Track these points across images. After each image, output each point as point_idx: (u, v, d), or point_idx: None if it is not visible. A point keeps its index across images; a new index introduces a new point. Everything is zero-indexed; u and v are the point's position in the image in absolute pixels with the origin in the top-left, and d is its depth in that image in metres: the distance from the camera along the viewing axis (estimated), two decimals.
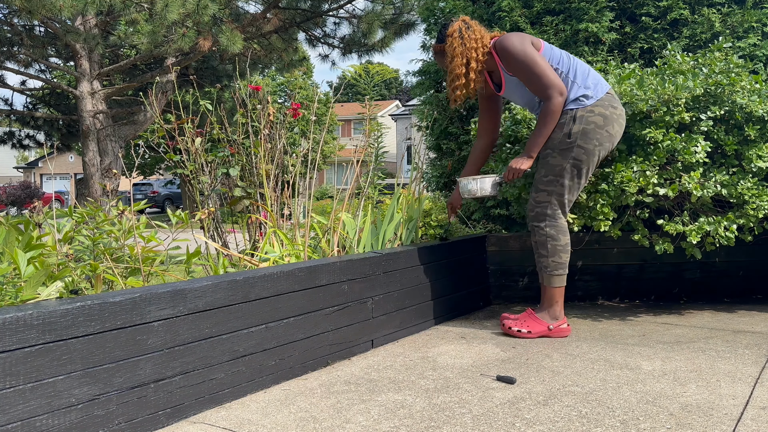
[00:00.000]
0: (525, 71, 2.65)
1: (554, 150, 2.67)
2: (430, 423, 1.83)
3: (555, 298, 2.79)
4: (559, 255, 2.74)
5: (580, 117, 2.63)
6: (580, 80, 2.68)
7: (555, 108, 2.61)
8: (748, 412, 1.86)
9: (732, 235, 2.80)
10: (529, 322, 2.79)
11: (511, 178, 2.75)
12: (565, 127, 2.65)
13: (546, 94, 2.62)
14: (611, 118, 2.65)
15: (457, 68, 2.74)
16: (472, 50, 2.73)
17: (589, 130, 2.62)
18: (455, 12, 4.20)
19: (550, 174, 2.68)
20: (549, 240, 2.73)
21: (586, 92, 2.66)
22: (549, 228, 2.73)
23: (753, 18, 3.54)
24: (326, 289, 2.41)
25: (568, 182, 2.67)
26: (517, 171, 2.72)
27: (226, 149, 3.14)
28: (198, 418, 1.91)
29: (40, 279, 1.90)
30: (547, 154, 2.69)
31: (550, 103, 2.62)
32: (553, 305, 2.79)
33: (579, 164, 2.65)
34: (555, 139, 2.66)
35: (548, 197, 2.70)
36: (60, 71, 12.66)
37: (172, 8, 6.66)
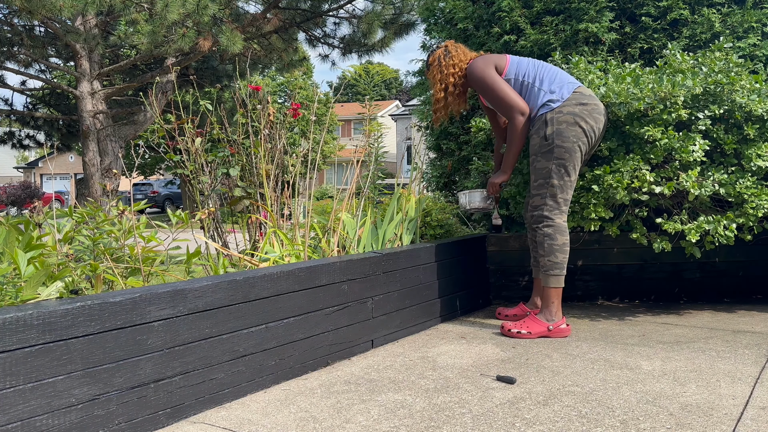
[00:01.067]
0: (488, 95, 2.88)
1: (537, 155, 2.79)
2: (430, 423, 1.83)
3: (551, 299, 2.81)
4: (555, 254, 2.78)
5: (551, 119, 2.77)
6: (546, 86, 2.83)
7: (517, 127, 2.82)
8: (748, 412, 1.86)
9: (731, 234, 2.80)
10: (528, 323, 2.81)
11: (493, 192, 3.03)
12: (540, 131, 2.79)
13: (508, 114, 2.84)
14: (582, 114, 2.76)
15: (437, 93, 3.00)
16: (449, 76, 2.97)
17: (562, 129, 2.74)
18: (455, 12, 4.20)
19: (540, 178, 2.80)
20: (546, 239, 2.79)
21: (552, 96, 2.80)
22: (546, 228, 2.80)
23: (753, 18, 3.54)
24: (326, 289, 2.41)
25: (557, 182, 2.76)
26: (494, 185, 3.00)
27: (226, 149, 3.14)
28: (198, 418, 1.91)
29: (40, 279, 1.91)
30: (533, 160, 2.82)
31: (513, 124, 2.83)
32: (550, 306, 2.81)
33: (563, 162, 2.75)
34: (535, 144, 2.80)
35: (542, 200, 2.80)
36: (60, 71, 12.66)
37: (172, 8, 6.66)
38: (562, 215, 2.80)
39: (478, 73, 2.89)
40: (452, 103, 3.00)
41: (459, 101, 3.02)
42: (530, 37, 3.80)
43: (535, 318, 2.81)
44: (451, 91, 2.97)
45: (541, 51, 3.84)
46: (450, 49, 3.02)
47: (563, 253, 2.79)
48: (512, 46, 3.92)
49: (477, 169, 3.63)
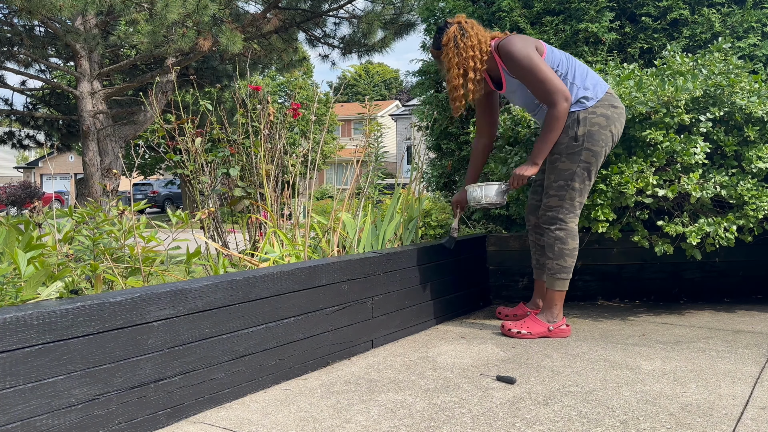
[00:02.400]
0: (529, 77, 2.61)
1: (562, 155, 2.65)
2: (430, 423, 1.83)
3: (555, 301, 2.78)
4: (565, 258, 2.72)
5: (583, 119, 2.62)
6: (579, 81, 2.66)
7: (561, 114, 2.57)
8: (748, 412, 1.86)
9: (732, 236, 2.80)
10: (528, 323, 2.79)
11: (517, 185, 2.71)
12: (570, 130, 2.63)
13: (551, 99, 2.58)
14: (612, 117, 2.65)
15: (454, 79, 2.68)
16: (469, 59, 2.66)
17: (594, 131, 2.61)
18: (455, 12, 4.20)
19: (560, 179, 2.67)
20: (557, 242, 2.71)
21: (586, 93, 2.64)
22: (558, 231, 2.71)
23: (753, 18, 3.54)
24: (326, 289, 2.41)
25: (579, 185, 2.66)
26: (522, 178, 2.68)
27: (226, 149, 3.14)
28: (198, 418, 1.91)
29: (40, 279, 1.91)
30: (555, 159, 2.67)
31: (556, 110, 2.58)
32: (552, 307, 2.78)
33: (588, 166, 2.64)
34: (561, 143, 2.64)
35: (559, 202, 2.69)
36: (60, 71, 12.67)
37: (172, 8, 6.66)
38: (575, 219, 2.72)
39: (519, 51, 2.59)
40: (473, 91, 2.69)
41: (480, 87, 2.72)
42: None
43: (535, 318, 2.79)
44: (472, 77, 2.67)
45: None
46: (465, 27, 2.70)
47: (572, 257, 2.73)
48: None
49: None
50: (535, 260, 3.02)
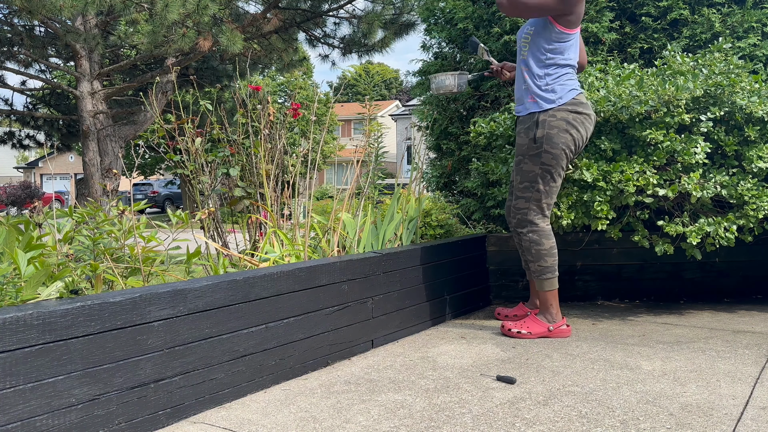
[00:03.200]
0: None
1: (524, 156, 2.69)
2: (430, 423, 1.83)
3: (549, 301, 2.79)
4: (544, 259, 2.73)
5: (542, 121, 2.65)
6: (552, 81, 2.68)
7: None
8: (748, 412, 1.86)
9: (732, 236, 2.80)
10: (528, 323, 2.79)
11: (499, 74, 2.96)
12: (530, 132, 2.67)
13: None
14: (573, 122, 2.66)
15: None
16: None
17: (552, 134, 2.63)
18: (455, 12, 4.20)
19: (525, 181, 2.70)
20: (533, 245, 2.73)
21: (550, 96, 2.66)
22: (531, 233, 2.73)
23: (753, 18, 3.54)
24: (326, 289, 2.41)
25: (543, 187, 2.68)
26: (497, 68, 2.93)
27: (226, 149, 3.14)
28: (198, 418, 1.91)
29: (40, 279, 1.91)
30: (519, 161, 2.71)
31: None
32: (549, 308, 2.79)
33: (549, 169, 2.67)
34: (523, 145, 2.69)
35: (527, 203, 2.72)
36: (60, 71, 12.67)
37: (172, 8, 6.66)
38: (545, 219, 2.75)
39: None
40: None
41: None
42: None
43: (535, 318, 2.80)
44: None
45: None
46: None
47: (552, 256, 2.75)
48: (512, 46, 3.91)
49: (477, 169, 3.63)
50: (523, 261, 2.99)
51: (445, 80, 2.99)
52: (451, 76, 2.99)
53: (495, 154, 3.37)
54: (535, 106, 2.67)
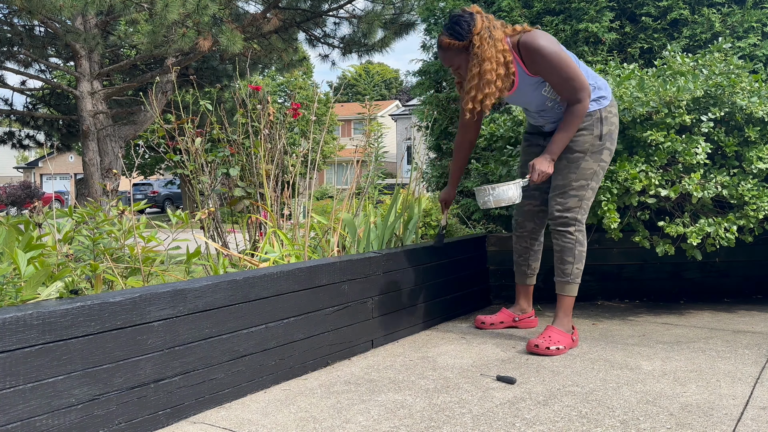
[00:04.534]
0: (559, 73, 2.45)
1: (586, 153, 2.57)
2: (430, 423, 1.83)
3: (571, 308, 2.66)
4: (582, 262, 2.64)
5: (605, 118, 2.58)
6: (592, 80, 2.59)
7: (584, 111, 2.49)
8: (748, 412, 1.86)
9: (732, 236, 2.80)
10: (558, 337, 2.56)
11: (539, 180, 2.55)
12: (594, 129, 2.57)
13: (579, 96, 2.48)
14: (618, 118, 2.68)
15: (488, 74, 2.43)
16: (502, 53, 2.45)
17: (612, 131, 2.60)
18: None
19: (582, 178, 2.58)
20: (577, 245, 2.61)
21: (602, 93, 2.60)
22: (578, 233, 2.61)
23: (753, 18, 3.54)
24: (326, 289, 2.41)
25: (595, 185, 2.61)
26: (545, 174, 2.53)
27: (226, 149, 3.14)
28: (198, 418, 1.91)
29: (40, 279, 1.90)
30: (577, 158, 2.58)
31: (582, 106, 2.49)
32: (569, 315, 2.65)
33: (605, 166, 2.62)
34: (586, 142, 2.57)
35: (579, 202, 2.59)
36: (60, 71, 12.67)
37: (172, 8, 6.66)
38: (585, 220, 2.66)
39: (550, 47, 2.43)
40: (502, 89, 2.48)
41: (508, 82, 2.51)
42: None
43: (560, 331, 2.59)
44: (501, 74, 2.45)
45: None
46: (489, 18, 2.51)
47: (584, 258, 2.66)
48: None
49: (477, 169, 3.63)
50: (526, 266, 2.89)
51: (507, 191, 2.54)
52: (514, 187, 2.55)
53: (495, 155, 3.37)
54: (595, 104, 2.57)
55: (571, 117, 2.50)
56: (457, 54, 2.50)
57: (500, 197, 2.56)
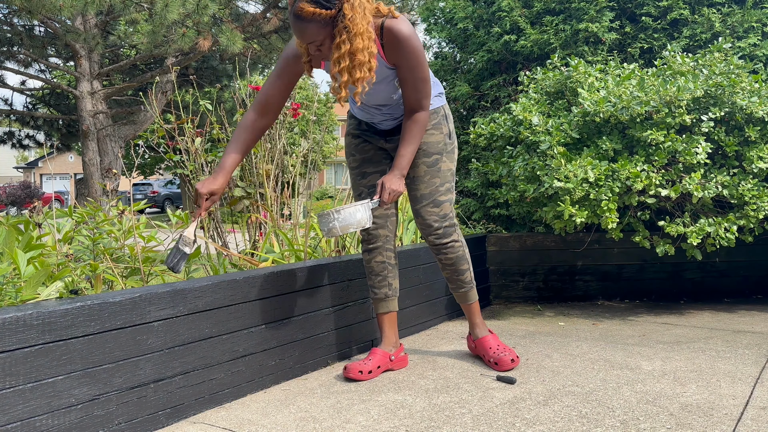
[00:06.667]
0: (417, 71, 2.12)
1: (442, 154, 2.32)
2: (430, 423, 1.83)
3: (480, 311, 2.48)
4: (471, 265, 2.43)
5: (448, 114, 2.37)
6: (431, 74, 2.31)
7: (426, 120, 2.21)
8: (748, 412, 1.86)
9: (732, 236, 2.80)
10: (502, 346, 2.40)
11: (391, 200, 2.19)
12: (443, 127, 2.33)
13: (425, 103, 2.18)
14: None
15: (361, 53, 1.97)
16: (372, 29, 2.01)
17: (452, 130, 2.38)
18: (455, 12, 4.20)
19: (446, 181, 2.32)
20: (465, 249, 2.39)
21: (439, 88, 2.36)
22: (460, 236, 2.37)
23: (753, 18, 3.54)
24: (326, 289, 2.41)
25: (453, 186, 2.38)
26: (396, 194, 2.18)
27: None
28: (198, 418, 1.91)
29: (40, 279, 1.90)
30: (436, 160, 2.30)
31: (425, 114, 2.20)
32: (481, 317, 2.48)
33: (456, 165, 2.46)
34: (439, 141, 2.31)
35: (450, 206, 2.34)
36: (60, 71, 12.66)
37: (172, 8, 6.66)
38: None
39: (418, 41, 2.09)
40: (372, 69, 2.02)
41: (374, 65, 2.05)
42: (530, 37, 3.80)
43: (495, 336, 2.44)
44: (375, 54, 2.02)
45: (541, 51, 3.83)
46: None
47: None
48: (512, 46, 3.92)
49: (477, 169, 3.63)
50: (387, 287, 2.40)
51: (355, 214, 2.13)
52: (362, 208, 2.15)
53: (495, 155, 3.37)
54: (438, 101, 2.32)
55: (417, 127, 2.19)
56: (321, 27, 1.96)
57: (347, 221, 2.14)
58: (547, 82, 3.34)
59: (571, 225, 2.91)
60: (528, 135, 3.14)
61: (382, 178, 2.20)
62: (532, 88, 3.38)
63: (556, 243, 3.53)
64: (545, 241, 3.54)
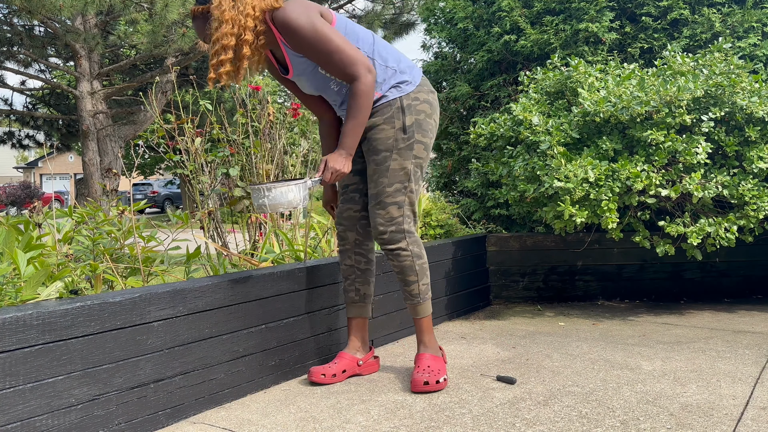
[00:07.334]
0: (317, 49, 2.04)
1: (392, 151, 2.15)
2: (430, 423, 1.83)
3: (431, 327, 2.26)
4: (427, 275, 2.24)
5: (407, 106, 2.15)
6: (392, 63, 2.18)
7: (367, 87, 2.05)
8: (749, 413, 1.86)
9: (733, 236, 2.80)
10: (436, 365, 2.17)
11: (333, 180, 2.09)
12: (395, 121, 2.15)
13: (351, 72, 2.04)
14: (434, 104, 2.25)
15: (225, 38, 2.00)
16: (249, 18, 2.01)
17: (421, 120, 2.17)
18: (455, 12, 4.20)
19: (396, 181, 2.15)
20: (416, 260, 2.20)
21: (404, 77, 2.19)
22: (412, 246, 2.19)
23: (753, 18, 3.54)
24: (326, 289, 2.41)
25: (415, 186, 2.19)
26: (339, 173, 2.07)
27: (226, 149, 3.14)
28: (198, 418, 1.91)
29: (40, 279, 1.90)
30: (384, 158, 2.15)
31: (360, 83, 2.04)
32: (432, 335, 2.26)
33: (421, 162, 2.20)
34: (388, 137, 2.15)
35: (400, 210, 2.16)
36: (60, 71, 12.66)
37: (172, 8, 6.66)
38: (416, 227, 2.26)
39: (302, 21, 2.01)
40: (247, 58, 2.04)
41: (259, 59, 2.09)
42: (530, 37, 3.80)
43: (433, 357, 2.21)
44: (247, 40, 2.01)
45: (541, 50, 3.83)
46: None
47: (428, 271, 2.26)
48: (512, 46, 3.92)
49: (477, 169, 3.63)
50: (354, 292, 2.33)
51: (287, 193, 2.02)
52: (296, 188, 2.04)
53: (495, 154, 3.37)
54: (395, 91, 2.17)
55: (354, 100, 2.06)
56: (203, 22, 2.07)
57: (278, 200, 2.02)
58: (547, 82, 3.34)
59: (571, 225, 2.90)
60: (528, 135, 3.14)
61: (326, 156, 2.10)
62: (532, 88, 3.38)
63: (556, 243, 3.53)
64: (545, 241, 3.54)
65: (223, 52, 2.01)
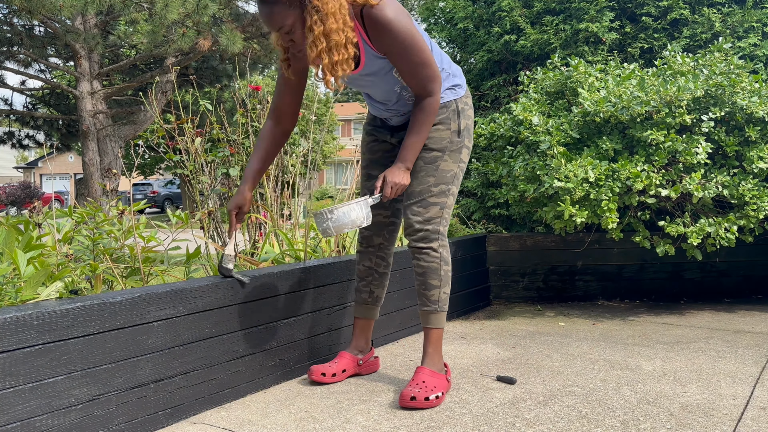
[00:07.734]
0: (409, 57, 1.95)
1: (444, 152, 2.11)
2: (430, 423, 1.83)
3: (441, 341, 2.15)
4: (449, 284, 2.16)
5: (461, 110, 2.14)
6: (447, 65, 2.15)
7: (437, 105, 2.04)
8: (749, 413, 1.86)
9: (733, 236, 2.80)
10: (434, 382, 2.04)
11: (394, 195, 2.05)
12: (451, 123, 2.12)
13: (431, 88, 2.01)
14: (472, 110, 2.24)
15: (335, 33, 1.85)
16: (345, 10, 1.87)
17: (469, 126, 2.17)
18: (455, 12, 4.20)
19: (442, 182, 2.10)
20: (443, 265, 2.12)
21: (456, 80, 2.16)
22: (443, 249, 2.12)
23: (753, 18, 3.54)
24: (326, 289, 2.41)
25: (455, 190, 2.15)
26: (400, 187, 2.04)
27: (226, 149, 3.14)
28: (198, 418, 1.91)
29: (40, 279, 1.90)
30: (435, 157, 2.10)
31: (434, 100, 2.02)
32: (440, 350, 2.14)
33: (464, 168, 2.18)
34: (444, 138, 2.11)
35: (440, 211, 2.11)
36: (60, 71, 12.66)
37: (172, 8, 6.66)
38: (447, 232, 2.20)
39: (402, 23, 1.90)
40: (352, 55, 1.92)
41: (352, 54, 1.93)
42: (530, 37, 3.80)
43: (433, 373, 2.07)
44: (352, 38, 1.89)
45: (541, 50, 3.83)
46: None
47: (450, 280, 2.18)
48: (512, 46, 3.92)
49: (477, 169, 3.63)
50: (367, 293, 2.30)
51: (349, 213, 1.99)
52: (357, 207, 2.00)
53: (495, 155, 3.37)
54: (451, 94, 2.13)
55: (423, 115, 2.03)
56: (287, 11, 1.85)
57: (341, 221, 1.99)
58: (547, 82, 3.34)
59: (571, 225, 2.90)
60: (528, 135, 3.14)
61: (384, 172, 2.06)
62: (532, 88, 3.38)
63: (556, 243, 3.53)
64: (545, 241, 3.54)
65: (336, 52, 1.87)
